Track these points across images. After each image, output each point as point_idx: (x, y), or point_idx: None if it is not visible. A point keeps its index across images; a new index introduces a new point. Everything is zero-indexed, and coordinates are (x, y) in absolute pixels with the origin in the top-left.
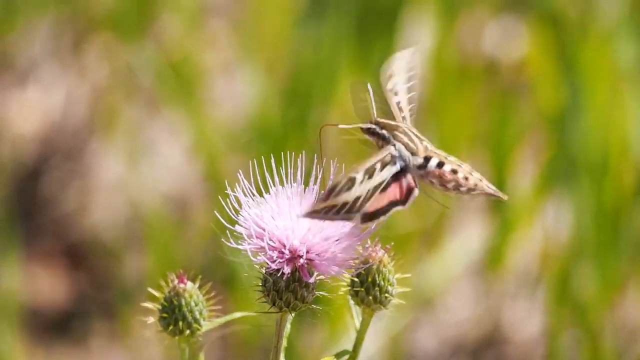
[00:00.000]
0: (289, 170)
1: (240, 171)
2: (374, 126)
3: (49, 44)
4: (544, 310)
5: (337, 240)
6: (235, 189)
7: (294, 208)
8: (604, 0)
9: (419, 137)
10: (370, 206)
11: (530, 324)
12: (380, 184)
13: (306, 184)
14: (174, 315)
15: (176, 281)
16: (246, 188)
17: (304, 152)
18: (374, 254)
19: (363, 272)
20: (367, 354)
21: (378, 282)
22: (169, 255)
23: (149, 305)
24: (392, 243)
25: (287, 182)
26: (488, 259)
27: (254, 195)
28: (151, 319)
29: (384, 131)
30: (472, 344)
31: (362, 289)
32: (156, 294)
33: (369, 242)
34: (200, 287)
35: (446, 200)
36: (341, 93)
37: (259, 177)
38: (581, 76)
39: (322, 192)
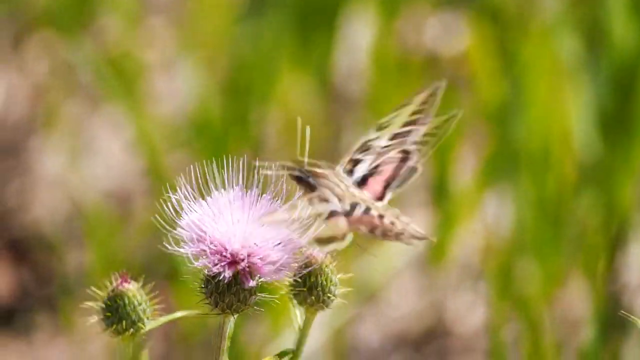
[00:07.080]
0: (231, 173)
1: (182, 174)
2: (298, 173)
3: None
4: (486, 304)
5: (279, 244)
6: (176, 191)
7: (234, 212)
8: None
9: (345, 184)
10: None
11: (473, 317)
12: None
13: (248, 186)
14: (117, 315)
15: (119, 280)
16: (188, 192)
17: (244, 149)
18: (315, 256)
19: (305, 272)
20: (310, 349)
21: (320, 282)
22: (109, 251)
23: (91, 304)
24: None
25: (228, 184)
26: (430, 252)
27: (195, 198)
28: (94, 318)
29: (310, 179)
30: (414, 337)
31: (305, 289)
32: (99, 292)
33: None
34: (143, 286)
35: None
36: (281, 90)
37: (200, 180)
38: (522, 70)
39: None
